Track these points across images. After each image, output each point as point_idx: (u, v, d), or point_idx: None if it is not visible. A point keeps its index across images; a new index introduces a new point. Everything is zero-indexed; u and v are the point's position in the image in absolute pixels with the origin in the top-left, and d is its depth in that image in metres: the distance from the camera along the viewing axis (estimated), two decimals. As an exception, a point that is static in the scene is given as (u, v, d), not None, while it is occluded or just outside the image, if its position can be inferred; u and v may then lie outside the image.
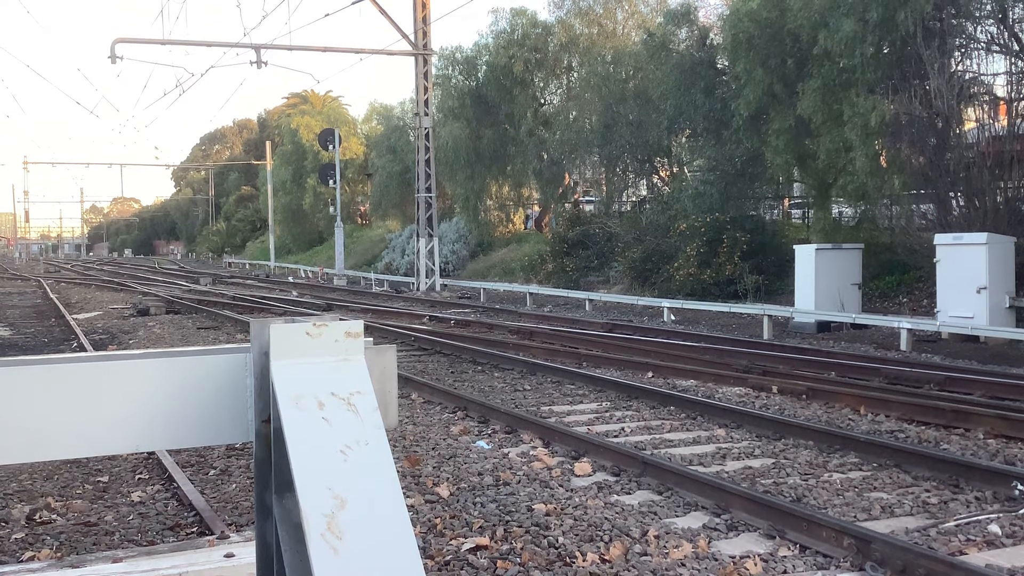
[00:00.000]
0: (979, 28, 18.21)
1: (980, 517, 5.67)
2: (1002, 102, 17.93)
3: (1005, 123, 17.67)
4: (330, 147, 39.02)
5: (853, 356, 12.68)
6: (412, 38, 29.56)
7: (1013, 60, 17.65)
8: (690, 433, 8.29)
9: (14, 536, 5.71)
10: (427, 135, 30.02)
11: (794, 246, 18.14)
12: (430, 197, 30.17)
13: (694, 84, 23.88)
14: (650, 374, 11.68)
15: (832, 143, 18.45)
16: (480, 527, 5.61)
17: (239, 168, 79.16)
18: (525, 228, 38.43)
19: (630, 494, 6.39)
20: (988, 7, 17.88)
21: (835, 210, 22.66)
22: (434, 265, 30.32)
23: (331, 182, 39.51)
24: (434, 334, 15.90)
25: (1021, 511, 5.79)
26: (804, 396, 9.82)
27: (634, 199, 31.68)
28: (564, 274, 26.85)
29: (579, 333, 15.65)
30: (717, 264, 21.05)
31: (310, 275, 41.44)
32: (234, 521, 5.88)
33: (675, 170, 28.62)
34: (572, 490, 6.44)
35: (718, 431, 8.29)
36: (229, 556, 4.44)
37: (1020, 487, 6.00)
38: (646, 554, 5.10)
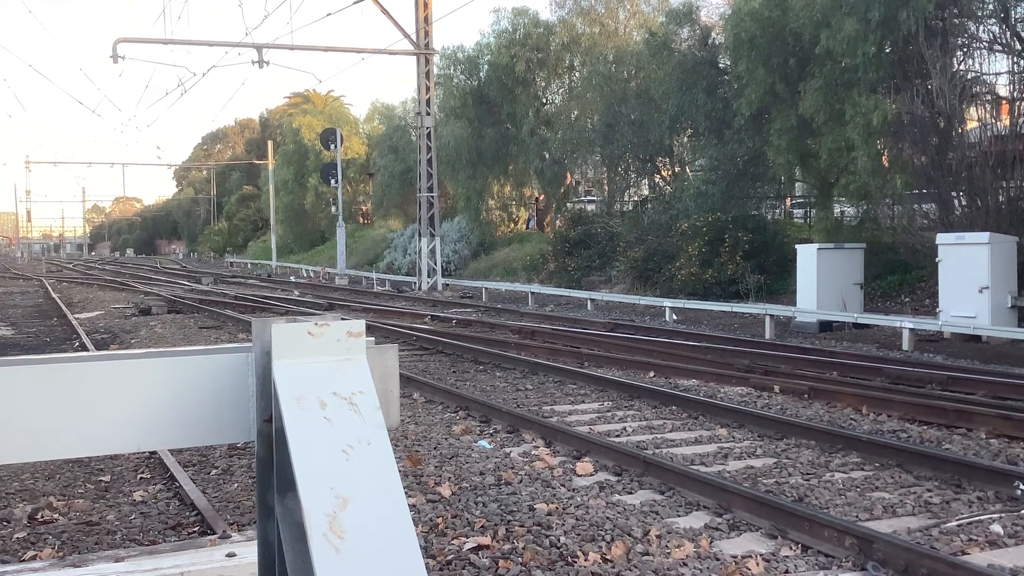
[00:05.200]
0: (981, 27, 18.21)
1: (982, 517, 5.67)
2: (1004, 101, 17.93)
3: (1007, 122, 17.66)
4: (332, 147, 39.03)
5: (855, 356, 12.67)
6: (414, 37, 29.56)
7: (1015, 60, 17.64)
8: (692, 433, 8.29)
9: (16, 535, 5.71)
10: (429, 135, 30.02)
11: (796, 246, 18.13)
12: (432, 197, 30.18)
13: (696, 83, 23.89)
14: (652, 374, 11.68)
15: (834, 142, 18.44)
16: (482, 526, 5.61)
17: (241, 168, 79.16)
18: (527, 228, 38.43)
19: (632, 494, 6.39)
20: (990, 6, 17.88)
21: (837, 210, 22.65)
22: (436, 265, 30.32)
23: (333, 182, 39.51)
24: (436, 334, 15.90)
25: (1023, 511, 5.78)
26: (806, 396, 9.81)
27: (636, 199, 31.69)
28: (566, 274, 26.85)
29: (581, 333, 15.65)
30: (719, 264, 21.04)
31: (312, 275, 41.46)
32: (236, 520, 5.88)
33: (677, 170, 28.62)
34: (574, 490, 6.44)
35: (720, 431, 8.29)
36: (231, 555, 4.45)
37: (1022, 487, 6.00)
38: (648, 554, 5.10)
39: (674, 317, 18.82)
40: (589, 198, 35.73)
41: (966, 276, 14.22)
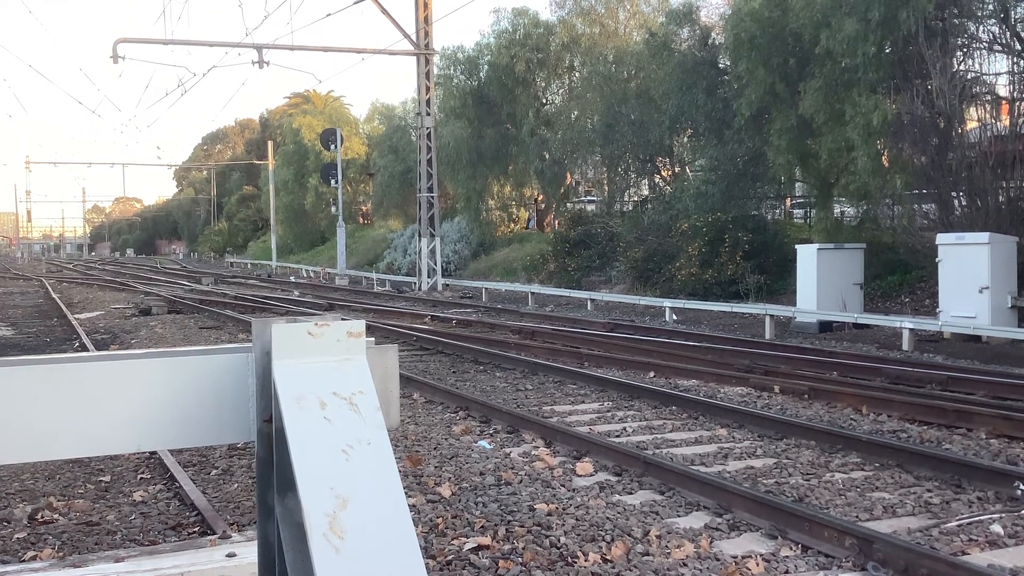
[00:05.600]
0: (981, 28, 18.20)
1: (982, 517, 5.67)
2: (1004, 102, 17.93)
3: (1007, 123, 17.66)
4: (332, 147, 39.02)
5: (855, 356, 12.67)
6: (414, 38, 29.56)
7: (1015, 60, 17.64)
8: (692, 433, 8.29)
9: (16, 536, 5.71)
10: (429, 135, 30.02)
11: (796, 246, 18.13)
12: (432, 197, 30.18)
13: (696, 84, 23.89)
14: (652, 374, 11.68)
15: (834, 143, 18.43)
16: (482, 527, 5.61)
17: (241, 168, 79.16)
18: (527, 228, 38.43)
19: (632, 494, 6.39)
20: (990, 7, 17.87)
21: (837, 210, 22.65)
22: (436, 265, 30.32)
23: (333, 182, 39.50)
24: (436, 334, 15.90)
25: (1023, 511, 5.78)
26: (806, 396, 9.81)
27: (636, 199, 31.68)
28: (566, 274, 26.84)
29: (581, 333, 15.65)
30: (719, 264, 21.04)
31: (312, 275, 41.46)
32: (236, 521, 5.88)
33: (677, 170, 28.62)
34: (574, 490, 6.44)
35: (720, 431, 8.29)
36: (231, 556, 4.45)
37: (1022, 487, 6.00)
38: (648, 554, 5.10)
39: (674, 317, 18.82)
40: (589, 198, 35.73)
41: (966, 276, 14.22)
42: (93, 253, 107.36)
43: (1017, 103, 17.31)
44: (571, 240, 27.80)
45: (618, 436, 8.18)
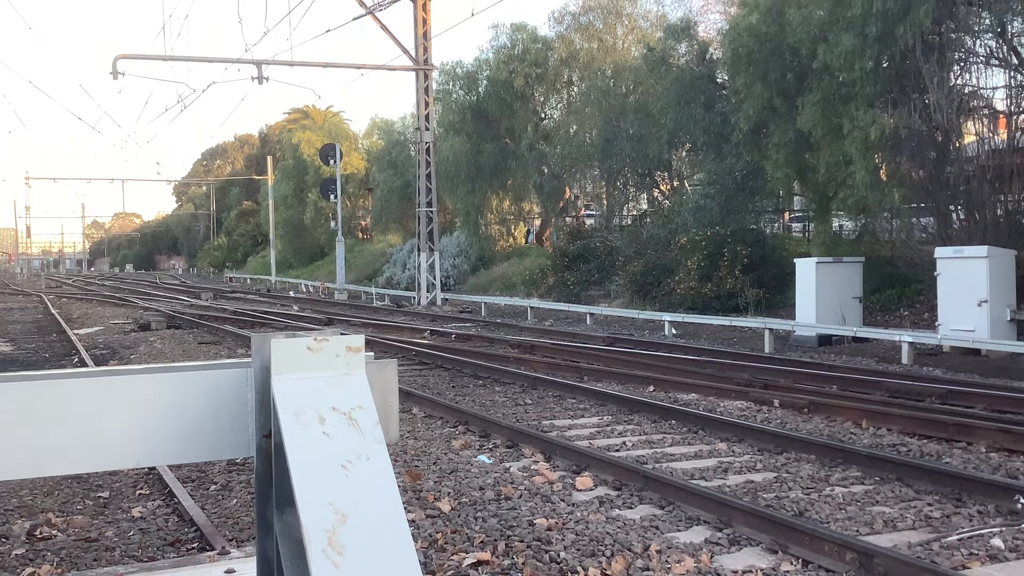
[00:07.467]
0: (978, 42, 18.27)
1: (983, 531, 5.66)
2: (1001, 115, 17.97)
3: (1005, 136, 17.69)
4: (331, 162, 39.06)
5: (854, 370, 12.66)
6: (413, 53, 29.67)
7: (1012, 73, 17.70)
8: (692, 447, 8.27)
9: (15, 552, 5.69)
10: (428, 150, 30.09)
11: (795, 259, 18.14)
12: (431, 211, 30.22)
13: (694, 98, 23.96)
14: (651, 388, 11.66)
15: (832, 157, 18.47)
16: (481, 542, 5.59)
17: (240, 183, 79.30)
18: (526, 242, 38.48)
19: (632, 508, 6.37)
20: (987, 21, 17.94)
21: (836, 223, 22.69)
22: (435, 279, 30.32)
23: (332, 197, 39.53)
24: (435, 348, 15.89)
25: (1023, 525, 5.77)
26: (806, 410, 9.80)
27: (635, 213, 31.74)
28: (565, 288, 26.85)
29: (580, 347, 15.64)
30: (718, 278, 21.05)
31: (311, 290, 41.46)
32: (235, 537, 5.86)
33: (675, 184, 28.68)
34: (574, 504, 6.42)
35: (720, 445, 8.27)
36: (230, 572, 4.43)
37: (1023, 501, 5.99)
38: (648, 569, 5.08)
39: (673, 331, 18.80)
40: (588, 212, 35.80)
41: (965, 290, 14.23)
42: (92, 268, 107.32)
43: (1014, 117, 17.35)
44: (570, 254, 27.82)
45: (618, 450, 8.16)
